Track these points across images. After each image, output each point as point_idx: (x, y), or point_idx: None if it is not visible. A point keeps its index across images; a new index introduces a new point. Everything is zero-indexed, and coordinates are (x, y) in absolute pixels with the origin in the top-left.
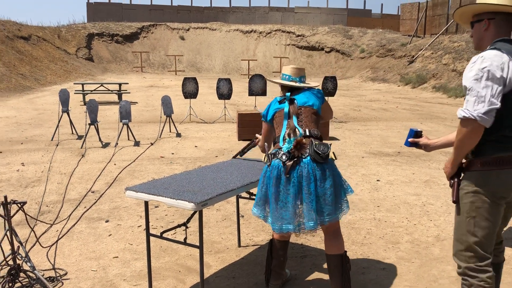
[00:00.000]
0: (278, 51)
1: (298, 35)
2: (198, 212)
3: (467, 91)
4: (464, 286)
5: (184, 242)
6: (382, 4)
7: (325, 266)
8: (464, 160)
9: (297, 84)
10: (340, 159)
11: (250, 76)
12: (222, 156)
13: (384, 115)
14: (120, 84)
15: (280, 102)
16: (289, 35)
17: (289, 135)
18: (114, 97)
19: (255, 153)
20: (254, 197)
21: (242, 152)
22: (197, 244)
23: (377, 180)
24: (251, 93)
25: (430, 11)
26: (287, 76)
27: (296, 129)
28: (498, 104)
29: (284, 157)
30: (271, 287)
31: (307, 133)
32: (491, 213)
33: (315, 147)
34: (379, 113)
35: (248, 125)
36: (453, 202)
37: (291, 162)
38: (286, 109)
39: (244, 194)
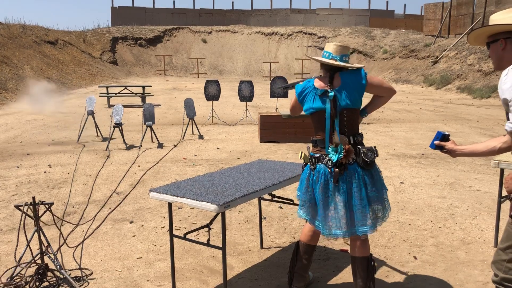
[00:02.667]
0: (300, 53)
1: (320, 37)
2: (220, 213)
3: (510, 102)
4: None
5: (207, 244)
6: (405, 5)
7: (348, 268)
8: None
9: (337, 63)
10: None
11: (271, 78)
12: (244, 158)
13: (407, 117)
14: (143, 87)
15: (321, 96)
16: (310, 37)
17: (336, 145)
18: (138, 100)
19: (278, 155)
20: (276, 199)
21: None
22: (220, 245)
23: (401, 183)
24: (273, 95)
25: (455, 11)
26: (328, 54)
27: (342, 137)
28: None
29: (330, 163)
30: None
31: (352, 141)
32: None
33: (363, 155)
34: (403, 114)
35: (270, 127)
36: (510, 216)
37: (338, 170)
38: (328, 112)
39: (266, 196)
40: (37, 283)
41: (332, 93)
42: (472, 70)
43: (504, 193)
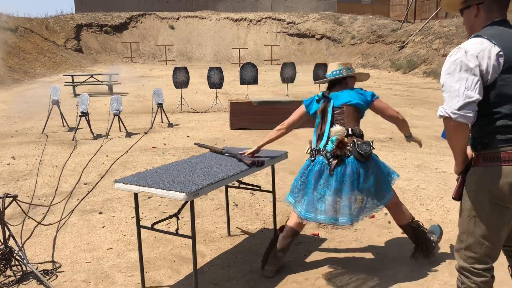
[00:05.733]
0: (269, 39)
1: (289, 23)
2: (189, 202)
3: (442, 87)
4: (458, 281)
5: (176, 233)
6: None
7: (319, 251)
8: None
9: (332, 78)
10: None
11: (241, 65)
12: (215, 146)
13: None
14: (110, 75)
15: (318, 101)
16: (279, 23)
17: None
18: (105, 88)
19: (249, 142)
20: (243, 185)
21: (204, 146)
22: (190, 234)
23: None
24: (243, 81)
25: None
26: (330, 73)
27: (339, 128)
28: (475, 97)
29: (328, 155)
30: (266, 272)
31: (350, 132)
32: (494, 214)
33: (357, 147)
34: None
35: (241, 114)
36: (452, 198)
37: (336, 161)
38: (329, 109)
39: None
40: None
41: (326, 95)
42: (438, 55)
43: None
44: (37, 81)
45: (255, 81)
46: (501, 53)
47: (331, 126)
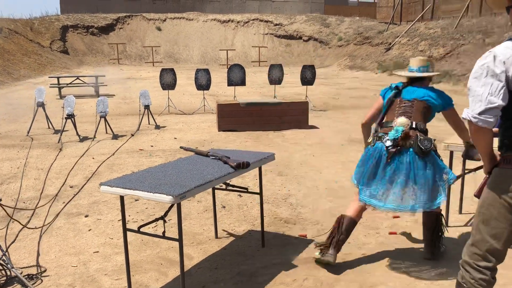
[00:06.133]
0: (257, 41)
1: (276, 24)
2: (176, 204)
3: (468, 91)
4: (458, 275)
5: (163, 236)
6: None
7: (306, 252)
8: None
9: (413, 74)
10: (320, 147)
11: (228, 66)
12: (202, 148)
13: (363, 103)
14: (96, 77)
15: (392, 89)
16: (267, 24)
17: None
18: (91, 90)
19: (236, 143)
20: (231, 188)
21: (190, 149)
22: (177, 237)
23: None
24: (230, 83)
25: None
26: (416, 69)
27: (404, 120)
28: (497, 103)
29: (388, 142)
30: (328, 256)
31: (414, 126)
32: (502, 215)
33: (419, 142)
34: (358, 100)
35: (228, 116)
36: (474, 195)
37: (394, 150)
38: (397, 100)
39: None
40: None
41: (400, 86)
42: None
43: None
44: (22, 83)
45: (242, 82)
46: None
47: (397, 117)
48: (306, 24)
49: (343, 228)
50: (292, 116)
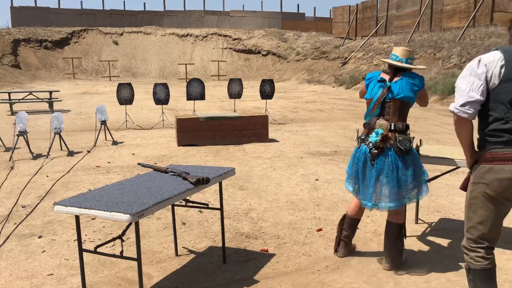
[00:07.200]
0: (216, 55)
1: (235, 39)
2: (134, 223)
3: (455, 88)
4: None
5: (121, 256)
6: (315, 8)
7: (268, 267)
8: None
9: (401, 64)
10: (280, 160)
11: (188, 80)
12: (161, 163)
13: (320, 116)
14: (50, 92)
15: (379, 81)
16: (225, 39)
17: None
18: (45, 106)
19: (197, 158)
20: (191, 204)
21: (148, 166)
22: (135, 256)
23: (316, 180)
24: (190, 97)
25: (360, 14)
26: (395, 57)
27: (383, 123)
28: (475, 97)
29: (371, 145)
30: (339, 254)
31: (392, 128)
32: (485, 205)
33: (399, 143)
34: (316, 114)
35: (188, 130)
36: (459, 188)
37: (377, 151)
38: (375, 98)
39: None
40: None
41: (388, 84)
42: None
43: None
44: None
45: (202, 96)
46: (503, 65)
47: (378, 118)
48: (265, 39)
49: (346, 226)
50: (252, 130)
